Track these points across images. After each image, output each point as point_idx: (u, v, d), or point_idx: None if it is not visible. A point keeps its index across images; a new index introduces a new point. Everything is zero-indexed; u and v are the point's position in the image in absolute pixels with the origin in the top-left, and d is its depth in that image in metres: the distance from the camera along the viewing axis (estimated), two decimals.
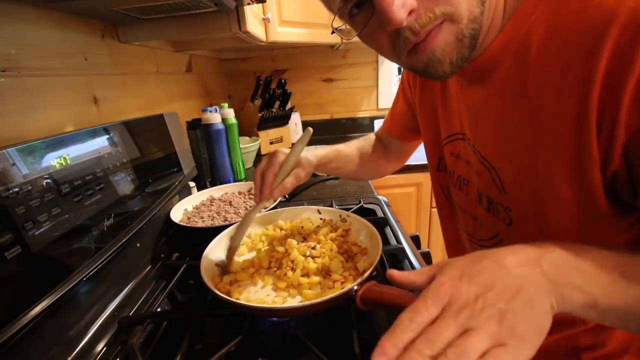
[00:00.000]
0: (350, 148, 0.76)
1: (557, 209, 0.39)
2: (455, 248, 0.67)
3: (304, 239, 0.64)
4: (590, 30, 0.32)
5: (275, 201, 0.82)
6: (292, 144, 0.57)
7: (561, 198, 0.38)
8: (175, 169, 0.90)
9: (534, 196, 0.41)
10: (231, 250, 0.59)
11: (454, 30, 0.36)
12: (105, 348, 0.51)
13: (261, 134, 1.59)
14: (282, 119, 1.69)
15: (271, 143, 1.67)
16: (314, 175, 1.26)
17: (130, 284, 0.64)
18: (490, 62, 0.41)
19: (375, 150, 0.79)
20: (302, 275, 0.55)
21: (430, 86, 0.60)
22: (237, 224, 0.61)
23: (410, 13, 0.34)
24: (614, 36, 0.30)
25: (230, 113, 1.12)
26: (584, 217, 0.38)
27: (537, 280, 0.28)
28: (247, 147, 1.37)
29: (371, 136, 0.81)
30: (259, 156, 1.58)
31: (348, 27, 0.43)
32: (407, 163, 1.43)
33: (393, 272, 0.35)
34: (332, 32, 0.44)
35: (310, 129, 0.57)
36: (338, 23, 0.43)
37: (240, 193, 0.97)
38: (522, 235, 0.44)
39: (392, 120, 0.77)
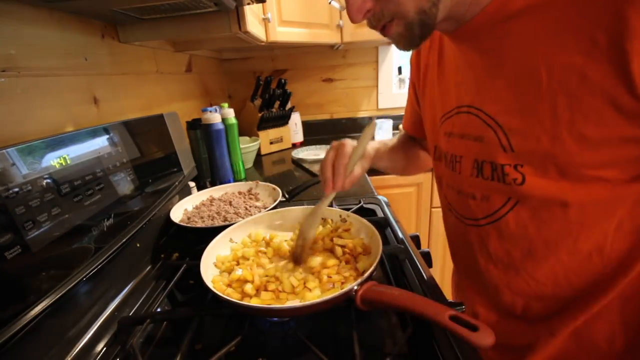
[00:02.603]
0: (394, 143, 0.77)
1: (580, 151, 0.40)
2: (455, 240, 0.64)
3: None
4: None
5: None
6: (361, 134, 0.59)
7: (585, 137, 0.39)
8: (175, 169, 0.90)
9: (551, 144, 0.41)
10: (306, 243, 0.58)
11: (402, 24, 0.43)
12: (105, 348, 0.51)
13: (261, 134, 1.59)
14: (282, 119, 1.69)
15: (271, 143, 1.67)
16: (314, 175, 1.27)
17: (130, 284, 0.64)
18: (490, 20, 0.44)
19: (415, 145, 0.80)
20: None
21: (430, 69, 0.61)
22: (307, 216, 0.60)
23: (366, 13, 0.44)
24: None
25: (230, 113, 1.12)
26: (607, 152, 0.39)
27: None
28: (247, 147, 1.37)
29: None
30: (259, 156, 1.59)
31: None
32: None
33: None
34: (329, 3, 0.52)
35: (375, 121, 0.63)
36: None
37: (240, 193, 0.97)
38: (540, 187, 0.44)
39: (405, 119, 0.79)
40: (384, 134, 1.65)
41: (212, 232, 0.65)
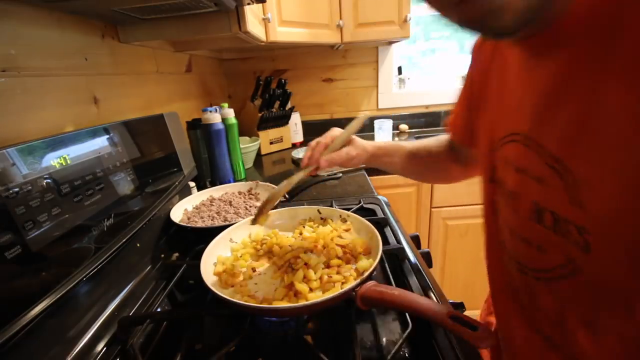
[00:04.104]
0: (416, 146, 0.71)
1: None
2: (499, 280, 0.49)
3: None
4: None
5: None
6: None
7: None
8: (175, 169, 0.90)
9: (628, 213, 0.28)
10: (267, 203, 0.61)
11: None
12: (105, 348, 0.51)
13: (261, 134, 1.59)
14: (282, 119, 1.69)
15: (271, 143, 1.67)
16: (313, 175, 1.27)
17: (130, 284, 0.64)
18: (571, 30, 0.31)
19: (446, 153, 0.68)
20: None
21: (493, 74, 0.47)
22: (282, 183, 0.62)
23: None
24: None
25: (230, 113, 1.12)
26: None
27: None
28: (247, 147, 1.37)
29: (442, 137, 0.70)
30: (259, 156, 1.59)
31: None
32: None
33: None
34: None
35: (365, 114, 0.67)
36: None
37: (240, 193, 0.97)
38: (603, 265, 0.31)
39: (453, 120, 0.64)
40: (384, 134, 1.65)
41: (212, 232, 0.65)
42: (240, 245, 0.67)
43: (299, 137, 1.84)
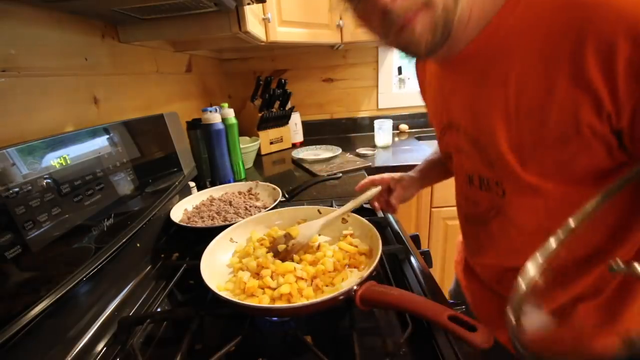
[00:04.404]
0: (434, 153, 0.81)
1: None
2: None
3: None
4: (570, 28, 0.36)
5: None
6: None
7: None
8: (175, 169, 0.90)
9: (517, 164, 0.45)
10: (296, 248, 0.62)
11: (430, 15, 0.42)
12: (105, 348, 0.51)
13: (261, 134, 1.59)
14: (282, 119, 1.69)
15: (271, 143, 1.67)
16: (314, 175, 1.27)
17: (130, 284, 0.64)
18: (465, 59, 0.48)
19: None
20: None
21: (425, 82, 0.66)
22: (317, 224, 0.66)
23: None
24: (594, 32, 0.35)
25: (230, 113, 1.12)
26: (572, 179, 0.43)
27: None
28: (247, 147, 1.37)
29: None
30: (259, 156, 1.59)
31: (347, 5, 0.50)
32: (407, 163, 1.43)
33: None
34: (338, 26, 0.51)
35: (378, 189, 0.77)
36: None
37: (240, 193, 0.97)
38: (517, 206, 0.49)
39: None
40: (384, 134, 1.65)
41: (212, 232, 0.65)
42: (243, 246, 0.67)
43: (299, 137, 1.84)
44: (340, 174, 1.26)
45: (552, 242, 0.33)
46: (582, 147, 0.39)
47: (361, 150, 1.58)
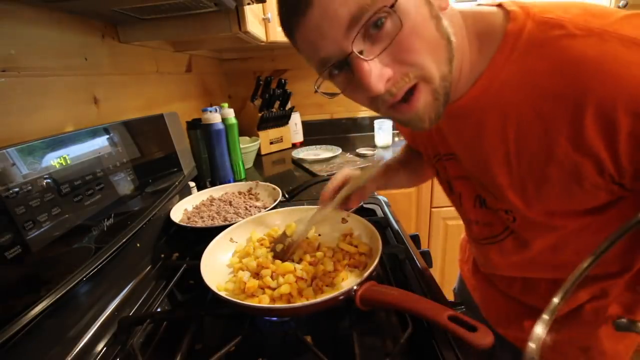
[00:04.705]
0: (399, 157, 0.78)
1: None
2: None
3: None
4: (568, 94, 0.35)
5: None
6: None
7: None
8: (175, 169, 0.90)
9: (519, 199, 0.46)
10: (292, 246, 0.61)
11: (430, 90, 0.39)
12: (105, 348, 0.51)
13: (261, 134, 1.59)
14: (282, 119, 1.69)
15: (271, 143, 1.67)
16: (314, 175, 1.27)
17: (130, 284, 0.64)
18: (469, 104, 0.45)
19: (415, 155, 0.76)
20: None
21: None
22: (306, 220, 0.64)
23: (388, 81, 0.38)
24: (593, 100, 0.34)
25: (230, 113, 1.12)
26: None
27: None
28: (247, 147, 1.37)
29: (404, 144, 0.80)
30: (259, 156, 1.59)
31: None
32: None
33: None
34: (315, 92, 0.46)
35: (379, 163, 0.74)
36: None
37: (240, 193, 0.97)
38: (526, 226, 0.49)
39: (401, 129, 0.77)
40: (384, 134, 1.65)
41: (212, 232, 0.65)
42: (242, 246, 0.67)
43: (299, 137, 1.84)
44: None
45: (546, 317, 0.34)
46: (586, 195, 0.40)
47: (361, 150, 1.58)
